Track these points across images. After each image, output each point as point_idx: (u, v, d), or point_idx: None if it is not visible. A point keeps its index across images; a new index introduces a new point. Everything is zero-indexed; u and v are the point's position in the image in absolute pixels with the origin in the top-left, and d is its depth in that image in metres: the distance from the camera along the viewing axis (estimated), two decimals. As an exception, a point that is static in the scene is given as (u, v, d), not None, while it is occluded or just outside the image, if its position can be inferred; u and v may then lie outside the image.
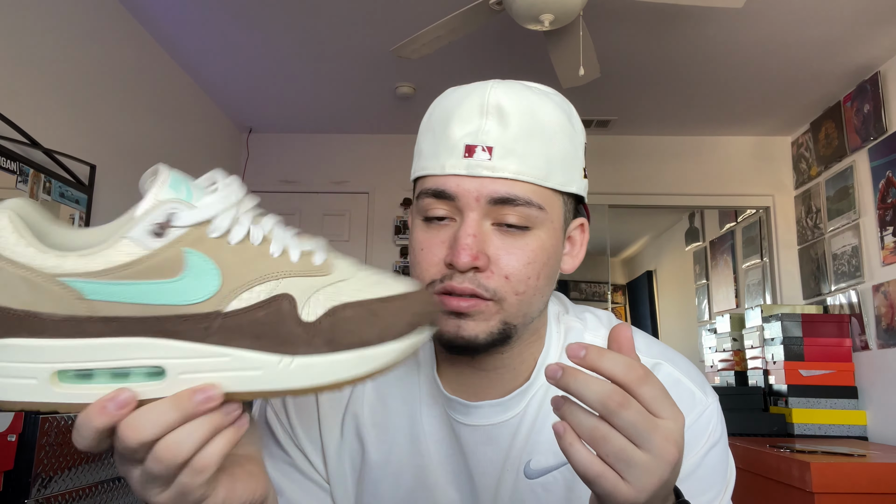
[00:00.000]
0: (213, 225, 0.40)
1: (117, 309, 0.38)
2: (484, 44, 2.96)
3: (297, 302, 0.41)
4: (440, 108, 0.64)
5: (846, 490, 2.25)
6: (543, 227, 0.61)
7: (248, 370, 0.40)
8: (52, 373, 0.38)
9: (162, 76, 3.10)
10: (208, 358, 0.39)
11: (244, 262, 0.41)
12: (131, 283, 0.38)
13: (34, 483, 1.40)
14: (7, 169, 2.02)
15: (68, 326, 0.37)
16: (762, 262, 4.03)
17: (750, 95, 3.43)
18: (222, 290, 0.39)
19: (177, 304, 0.39)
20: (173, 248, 0.39)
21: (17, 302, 0.37)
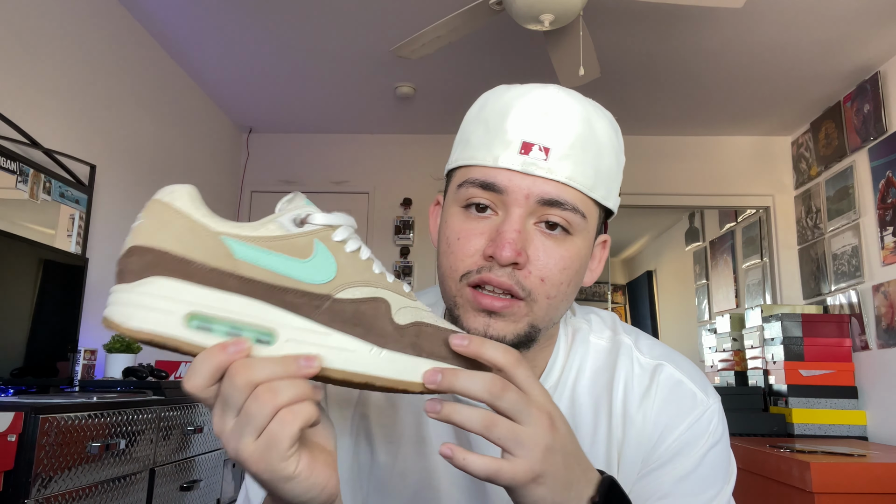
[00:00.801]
0: (336, 231, 0.49)
1: (255, 272, 0.45)
2: (484, 44, 2.96)
3: (391, 307, 0.49)
4: (496, 101, 0.63)
5: (846, 490, 2.25)
6: (582, 235, 0.62)
7: (343, 350, 0.46)
8: (186, 313, 0.43)
9: (162, 76, 3.10)
10: (313, 332, 0.46)
11: (354, 267, 0.49)
12: (273, 253, 0.46)
13: (34, 483, 1.40)
14: (7, 169, 2.02)
15: (213, 276, 0.44)
16: (762, 262, 4.03)
17: (750, 95, 3.43)
18: (336, 280, 0.47)
19: (301, 279, 0.46)
20: (308, 236, 0.48)
21: (179, 247, 0.44)
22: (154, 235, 0.44)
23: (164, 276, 0.43)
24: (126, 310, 0.43)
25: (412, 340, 0.48)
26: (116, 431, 1.72)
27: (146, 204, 0.46)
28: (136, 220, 0.46)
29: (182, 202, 0.46)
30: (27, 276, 2.01)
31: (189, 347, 0.44)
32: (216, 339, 0.44)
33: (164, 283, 0.43)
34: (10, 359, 1.94)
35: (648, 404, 0.66)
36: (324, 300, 0.46)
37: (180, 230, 0.44)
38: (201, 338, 0.44)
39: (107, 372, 2.36)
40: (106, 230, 2.63)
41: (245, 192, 4.06)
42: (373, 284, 0.49)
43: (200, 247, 0.44)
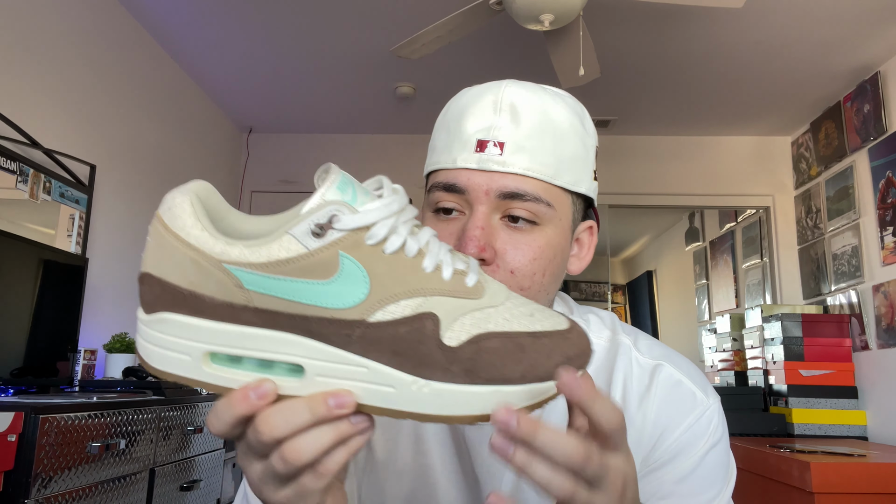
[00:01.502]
0: (371, 232, 0.40)
1: (271, 302, 0.39)
2: (484, 44, 2.96)
3: (440, 323, 0.40)
4: (455, 106, 0.65)
5: (846, 490, 2.25)
6: (551, 224, 0.62)
7: (381, 385, 0.40)
8: (205, 353, 0.40)
9: (162, 76, 3.10)
10: (346, 365, 0.40)
11: (395, 274, 0.40)
12: (287, 280, 0.39)
13: (34, 483, 1.40)
14: (7, 169, 2.02)
15: (225, 311, 0.39)
16: (762, 262, 4.03)
17: (750, 95, 3.43)
18: (369, 299, 0.40)
19: (325, 306, 0.39)
20: (330, 250, 0.40)
21: (184, 281, 0.39)
22: (158, 265, 0.40)
23: (176, 313, 0.40)
24: (148, 347, 0.41)
25: (466, 366, 0.40)
26: (116, 431, 1.72)
27: (153, 217, 0.42)
28: (148, 233, 0.42)
29: (181, 221, 0.40)
30: (27, 276, 2.01)
31: (215, 389, 0.40)
32: (241, 379, 0.40)
33: (176, 321, 0.40)
34: (10, 359, 1.94)
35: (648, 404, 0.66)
36: (354, 327, 0.39)
37: (182, 260, 0.39)
38: (225, 379, 0.40)
39: (107, 372, 2.36)
40: (106, 230, 2.63)
41: (245, 192, 4.06)
42: (419, 293, 0.40)
43: (206, 279, 0.39)
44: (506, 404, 0.39)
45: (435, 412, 0.40)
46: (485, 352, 0.40)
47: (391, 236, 0.41)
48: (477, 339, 0.40)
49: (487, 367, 0.40)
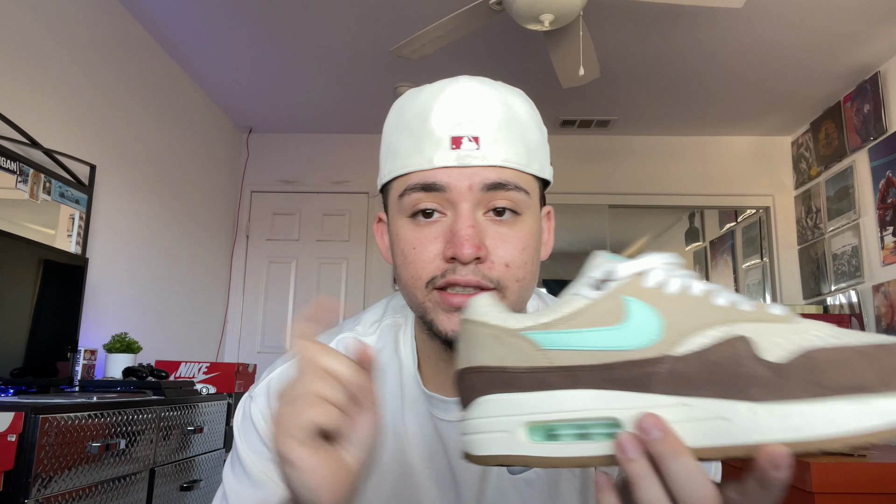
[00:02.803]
0: (648, 276, 0.41)
1: (569, 357, 0.40)
2: (484, 44, 2.96)
3: (753, 343, 0.37)
4: (413, 106, 0.63)
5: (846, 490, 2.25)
6: (529, 212, 0.62)
7: (711, 420, 0.36)
8: (522, 424, 0.40)
9: (162, 76, 3.10)
10: (664, 408, 0.37)
11: (687, 309, 0.39)
12: (578, 332, 0.40)
13: (34, 483, 1.40)
14: (7, 169, 2.02)
15: (531, 378, 0.40)
16: (762, 262, 4.03)
17: (750, 95, 3.43)
18: (668, 334, 0.38)
19: (622, 349, 0.39)
20: (613, 297, 0.40)
21: (490, 359, 0.42)
22: (469, 355, 0.43)
23: (489, 394, 0.41)
24: (472, 437, 0.42)
25: (805, 378, 0.34)
26: (116, 431, 1.72)
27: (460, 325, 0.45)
28: (458, 341, 0.45)
29: (483, 310, 0.44)
30: (27, 276, 2.01)
31: (543, 462, 0.40)
32: (567, 446, 0.39)
33: (490, 401, 0.41)
34: (10, 359, 1.94)
35: None
36: (660, 364, 0.37)
37: (486, 340, 0.42)
38: (551, 449, 0.40)
39: (107, 372, 2.36)
40: (106, 230, 2.63)
41: (245, 192, 4.06)
42: (720, 322, 0.38)
43: (509, 350, 0.41)
44: (884, 419, 0.33)
45: (789, 438, 0.34)
46: (823, 363, 0.35)
47: (669, 280, 0.41)
48: (807, 353, 0.35)
49: (834, 376, 0.34)
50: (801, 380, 0.35)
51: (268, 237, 4.04)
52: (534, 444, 0.40)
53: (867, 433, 0.33)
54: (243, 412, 0.70)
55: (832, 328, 0.38)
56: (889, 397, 0.33)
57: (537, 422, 0.40)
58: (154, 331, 2.99)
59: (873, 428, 0.33)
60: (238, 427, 0.70)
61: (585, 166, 4.03)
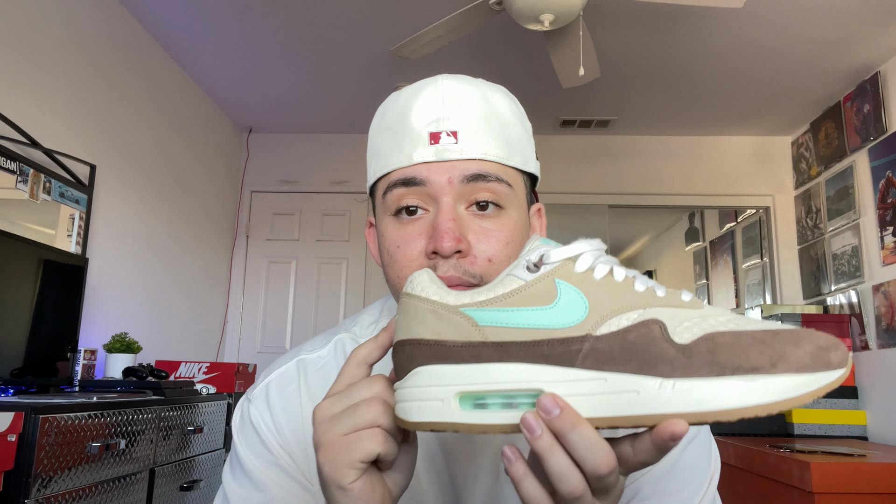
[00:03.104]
0: (578, 262, 0.44)
1: (503, 334, 0.43)
2: (484, 44, 2.96)
3: (666, 326, 0.41)
4: (394, 107, 0.64)
5: (846, 490, 2.25)
6: (513, 205, 0.62)
7: (624, 392, 0.40)
8: (454, 395, 0.43)
9: (162, 76, 3.10)
10: (584, 382, 0.41)
11: (610, 294, 0.43)
12: (514, 310, 0.44)
13: (34, 483, 1.40)
14: (7, 169, 2.02)
15: (466, 351, 0.44)
16: (762, 262, 4.03)
17: (750, 95, 3.43)
18: (591, 316, 0.42)
19: (551, 327, 0.42)
20: (546, 279, 0.44)
21: (428, 332, 0.45)
22: (407, 327, 0.46)
23: (425, 364, 0.44)
24: (404, 405, 0.45)
25: (706, 359, 0.39)
26: (116, 431, 1.72)
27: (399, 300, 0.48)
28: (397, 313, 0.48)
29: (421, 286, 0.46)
30: (27, 276, 2.01)
31: (470, 428, 0.43)
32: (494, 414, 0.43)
33: (426, 371, 0.44)
34: (10, 359, 1.94)
35: None
36: (583, 342, 0.41)
37: (425, 315, 0.45)
38: (479, 416, 0.43)
39: (107, 372, 2.37)
40: (106, 230, 2.63)
41: (245, 192, 4.06)
42: (638, 306, 0.42)
43: (447, 325, 0.44)
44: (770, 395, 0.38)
45: (688, 409, 0.39)
46: (722, 345, 0.39)
47: (597, 265, 0.44)
48: (710, 336, 0.40)
49: (731, 357, 0.39)
50: (703, 360, 0.39)
51: (268, 237, 4.04)
52: (463, 412, 0.43)
53: (755, 407, 0.38)
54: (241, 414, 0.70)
55: (732, 315, 0.42)
56: (776, 377, 0.38)
57: (469, 391, 0.43)
58: (154, 331, 2.99)
59: (761, 402, 0.38)
60: (237, 429, 0.69)
61: (585, 166, 4.03)
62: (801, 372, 0.38)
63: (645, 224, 6.21)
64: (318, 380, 0.70)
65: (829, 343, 0.39)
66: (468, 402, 0.43)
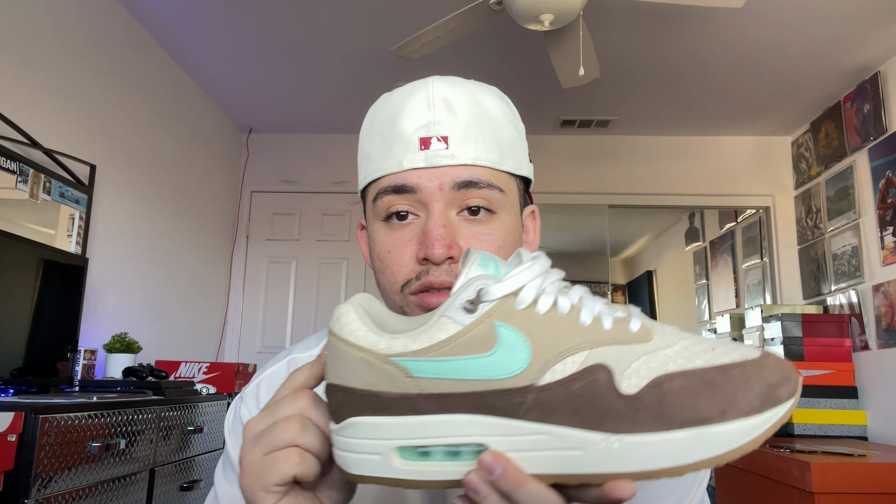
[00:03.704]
0: (519, 297, 0.40)
1: (440, 385, 0.40)
2: (484, 44, 2.96)
3: (613, 373, 0.38)
4: (384, 110, 0.63)
5: (846, 490, 2.25)
6: (506, 210, 0.61)
7: (568, 450, 0.38)
8: (393, 449, 0.41)
9: (162, 76, 3.10)
10: (528, 436, 0.38)
11: (553, 333, 0.39)
12: (449, 360, 0.40)
13: (34, 483, 1.40)
14: (7, 169, 2.02)
15: (402, 404, 0.40)
16: (762, 262, 4.03)
17: (750, 95, 3.43)
18: (534, 362, 0.39)
19: (492, 378, 0.39)
20: (485, 322, 0.40)
21: (360, 382, 0.41)
22: (337, 373, 0.42)
23: (360, 416, 0.41)
24: (343, 455, 0.42)
25: (655, 412, 0.36)
26: (116, 431, 1.72)
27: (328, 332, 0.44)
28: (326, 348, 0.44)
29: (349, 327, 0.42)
30: (27, 276, 2.01)
31: (414, 484, 0.41)
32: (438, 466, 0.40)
33: (362, 423, 0.41)
34: (10, 359, 1.94)
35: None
36: (526, 393, 0.38)
37: (356, 363, 0.41)
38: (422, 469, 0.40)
39: (107, 372, 2.37)
40: (106, 230, 2.63)
41: (245, 192, 4.06)
42: (582, 346, 0.39)
43: (380, 376, 0.41)
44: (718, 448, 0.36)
45: (634, 469, 0.37)
46: (671, 394, 0.37)
47: (540, 297, 0.40)
48: (658, 381, 0.37)
49: (679, 408, 0.36)
50: (651, 413, 0.37)
51: (268, 237, 4.04)
52: (405, 464, 0.40)
53: (703, 461, 0.36)
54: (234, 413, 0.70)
55: (684, 343, 0.39)
56: (725, 425, 0.36)
57: (408, 447, 0.40)
58: (154, 331, 2.99)
59: (709, 456, 0.36)
60: (228, 428, 0.69)
61: (585, 166, 4.03)
62: (751, 415, 0.36)
63: (645, 224, 6.21)
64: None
65: (779, 378, 0.37)
66: (411, 454, 0.41)
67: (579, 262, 6.59)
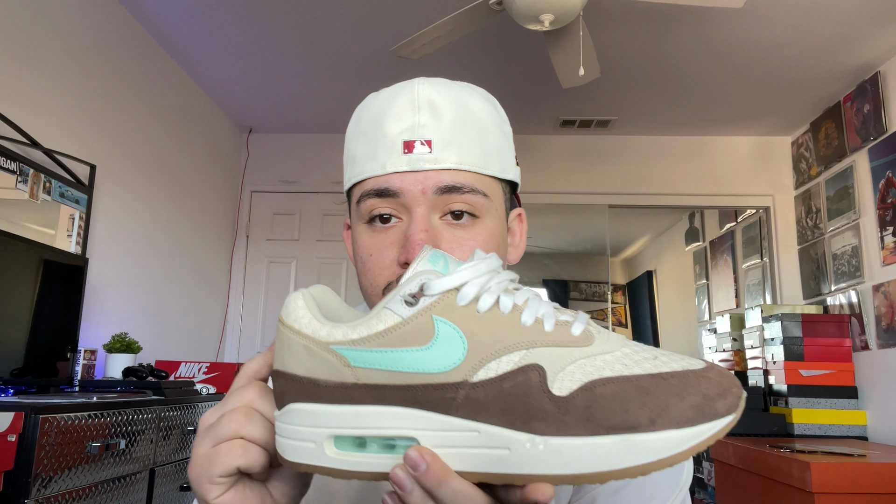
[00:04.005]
0: (461, 293, 0.40)
1: (376, 376, 0.40)
2: (484, 44, 2.96)
3: (546, 373, 0.37)
4: (369, 112, 0.63)
5: (846, 490, 2.25)
6: (489, 215, 0.61)
7: (495, 448, 0.38)
8: (327, 437, 0.41)
9: (162, 76, 3.10)
10: (457, 432, 0.38)
11: (491, 331, 0.39)
12: (386, 351, 0.40)
13: (34, 483, 1.40)
14: (7, 169, 2.02)
15: (339, 392, 0.40)
16: (762, 262, 4.03)
17: (750, 95, 3.43)
18: (469, 359, 0.39)
19: (426, 372, 0.39)
20: (424, 315, 0.40)
21: (301, 369, 0.42)
22: (282, 359, 0.43)
23: (299, 402, 0.42)
24: (282, 442, 0.42)
25: (582, 415, 0.36)
26: (116, 431, 1.72)
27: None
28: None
29: (295, 314, 0.43)
30: (27, 276, 2.01)
31: (345, 474, 0.41)
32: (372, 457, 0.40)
33: (299, 410, 0.41)
34: (10, 359, 1.94)
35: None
36: (458, 389, 0.38)
37: (298, 350, 0.42)
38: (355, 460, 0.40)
39: (107, 372, 2.37)
40: (106, 230, 2.63)
41: (245, 192, 4.06)
42: (520, 346, 0.38)
43: (320, 364, 0.41)
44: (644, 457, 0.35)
45: (557, 472, 0.36)
46: (602, 398, 0.36)
47: (483, 295, 0.40)
48: (590, 385, 0.37)
49: (608, 413, 0.36)
50: (579, 416, 0.36)
51: (268, 237, 4.04)
52: (339, 453, 0.41)
53: (627, 469, 0.35)
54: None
55: (626, 350, 0.39)
56: (654, 434, 0.35)
57: (341, 436, 0.41)
58: (154, 331, 2.99)
59: (634, 464, 0.35)
60: None
61: (585, 166, 4.03)
62: (683, 426, 0.35)
63: (645, 224, 6.20)
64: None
65: (718, 390, 0.36)
66: (346, 443, 0.41)
67: (579, 262, 6.59)
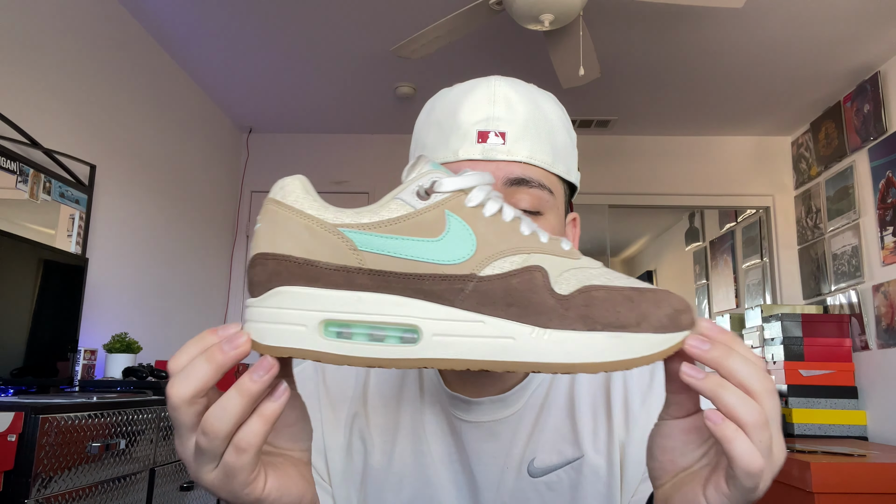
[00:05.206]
0: (470, 195, 0.42)
1: (383, 262, 0.40)
2: (484, 44, 2.96)
3: (549, 275, 0.41)
4: (443, 102, 0.64)
5: (846, 490, 2.25)
6: (553, 212, 0.63)
7: (500, 338, 0.40)
8: (320, 321, 0.40)
9: (162, 76, 3.10)
10: (462, 322, 0.40)
11: (497, 233, 0.42)
12: (398, 238, 0.40)
13: (34, 483, 1.40)
14: (7, 169, 2.02)
15: (340, 276, 0.40)
16: (762, 262, 4.03)
17: (750, 95, 3.43)
18: (477, 254, 0.41)
19: (436, 262, 0.40)
20: (437, 209, 0.41)
21: (298, 250, 0.40)
22: (273, 241, 0.41)
23: (290, 285, 0.40)
24: (260, 326, 0.40)
25: (581, 313, 0.40)
26: (116, 431, 1.72)
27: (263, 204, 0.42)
28: (255, 223, 0.42)
29: (294, 195, 0.42)
30: (27, 276, 2.01)
31: (333, 358, 0.40)
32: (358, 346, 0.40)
33: (291, 292, 0.40)
34: (10, 359, 1.94)
35: (652, 402, 0.65)
36: (467, 281, 0.40)
37: (297, 229, 0.41)
38: (342, 346, 0.40)
39: (107, 372, 2.37)
40: (106, 230, 2.63)
41: (245, 192, 4.06)
42: (523, 250, 0.41)
43: (321, 245, 0.40)
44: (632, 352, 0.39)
45: (558, 360, 0.39)
46: (597, 300, 0.40)
47: (488, 202, 0.43)
48: (586, 289, 0.40)
49: (603, 313, 0.40)
50: (579, 313, 0.40)
51: (268, 237, 4.04)
52: (326, 341, 0.40)
53: (617, 362, 0.40)
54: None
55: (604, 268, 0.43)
56: (638, 335, 0.40)
57: (336, 320, 0.40)
58: (154, 331, 2.99)
59: (623, 358, 0.40)
60: None
61: (585, 166, 4.03)
62: (659, 332, 0.40)
63: (645, 224, 6.21)
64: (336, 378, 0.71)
65: (682, 306, 0.41)
66: (331, 331, 0.40)
67: (579, 262, 6.59)
